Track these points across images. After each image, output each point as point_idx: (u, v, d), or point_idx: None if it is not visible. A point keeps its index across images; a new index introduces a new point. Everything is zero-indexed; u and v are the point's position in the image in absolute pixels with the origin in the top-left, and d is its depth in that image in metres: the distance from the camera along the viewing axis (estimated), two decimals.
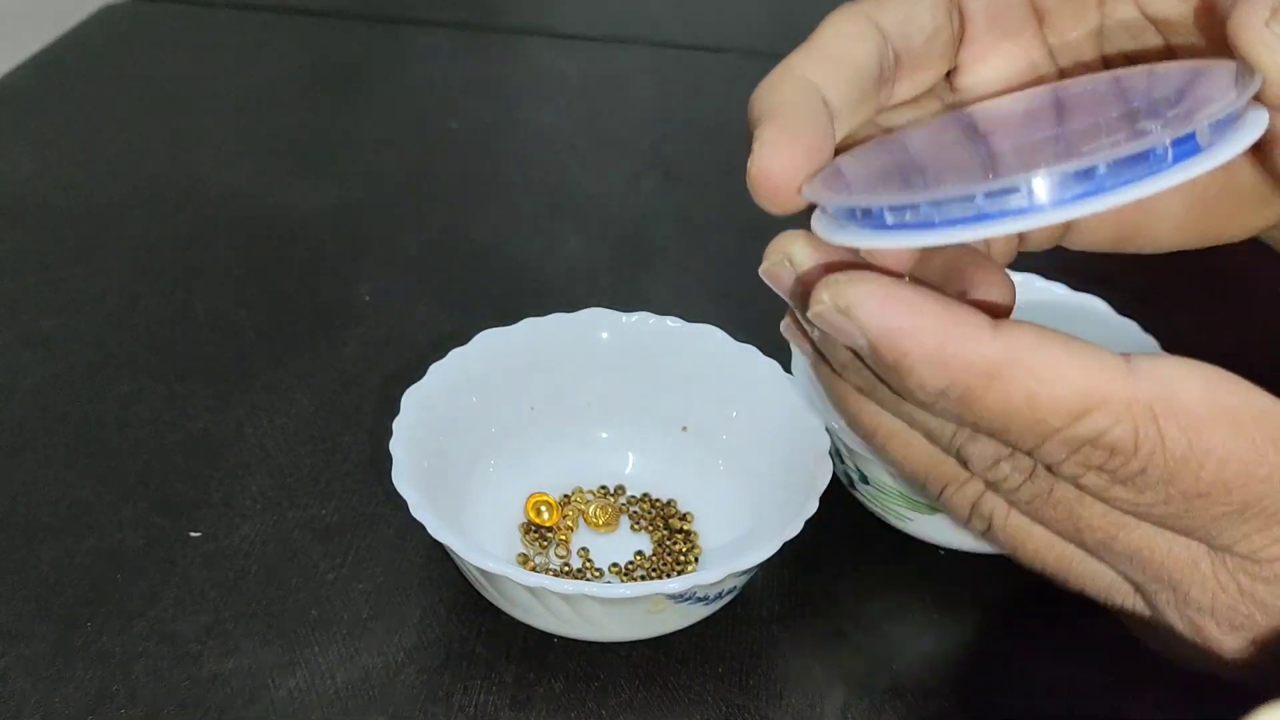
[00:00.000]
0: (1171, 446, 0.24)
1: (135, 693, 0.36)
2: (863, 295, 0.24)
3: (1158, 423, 0.23)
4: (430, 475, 0.38)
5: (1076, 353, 0.24)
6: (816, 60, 0.29)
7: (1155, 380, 0.23)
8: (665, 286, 0.55)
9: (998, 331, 0.23)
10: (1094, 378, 0.23)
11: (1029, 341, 0.24)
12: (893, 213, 0.24)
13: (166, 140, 0.66)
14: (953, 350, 0.24)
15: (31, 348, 0.50)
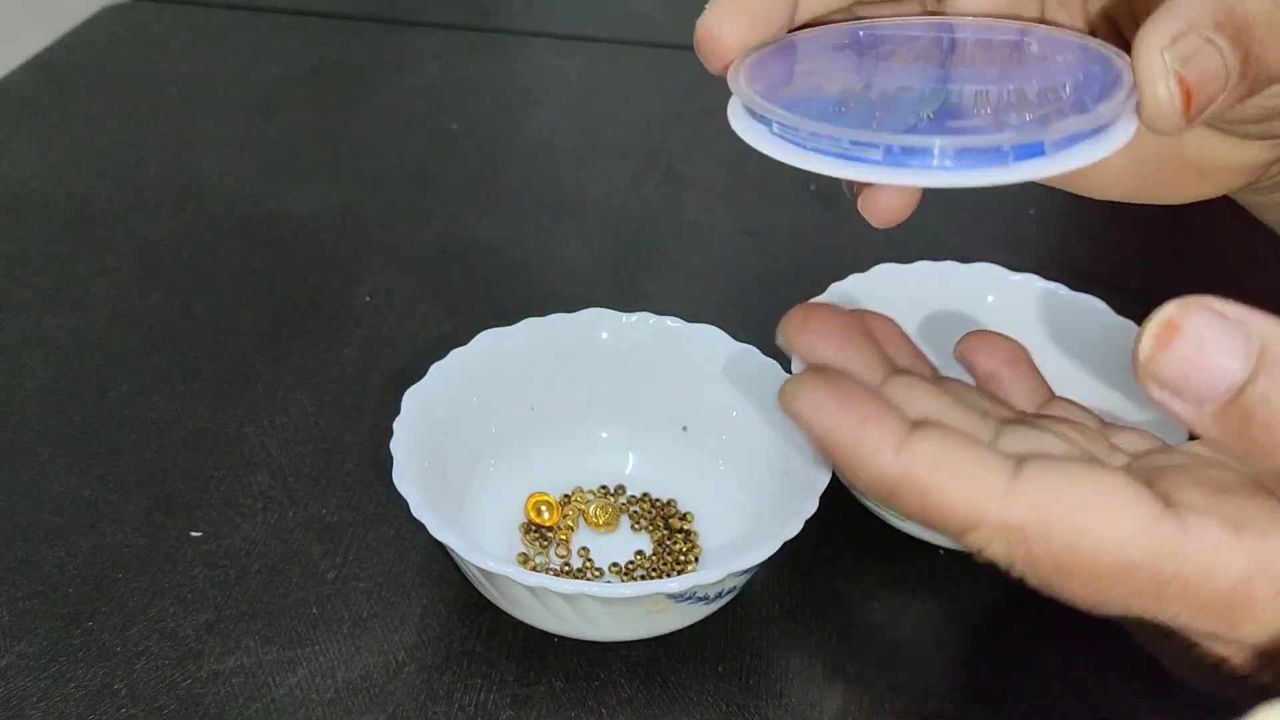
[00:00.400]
0: (1042, 566, 0.25)
1: (136, 691, 0.36)
2: (802, 401, 0.26)
3: (1028, 544, 0.25)
4: (431, 475, 0.38)
5: (966, 474, 0.25)
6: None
7: (1029, 503, 0.25)
8: (665, 286, 0.56)
9: (899, 451, 0.25)
10: (974, 500, 0.25)
11: (926, 461, 0.25)
12: (780, 126, 0.27)
13: (167, 140, 0.66)
14: (859, 466, 0.26)
15: (33, 347, 0.50)
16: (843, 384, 0.27)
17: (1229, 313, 0.23)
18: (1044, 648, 0.39)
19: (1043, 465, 0.26)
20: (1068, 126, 0.25)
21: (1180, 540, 0.25)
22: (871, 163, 0.26)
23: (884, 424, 0.26)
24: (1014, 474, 0.25)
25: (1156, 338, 0.23)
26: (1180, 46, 0.26)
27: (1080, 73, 0.28)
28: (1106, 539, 0.25)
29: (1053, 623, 0.39)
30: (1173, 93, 0.26)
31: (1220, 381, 0.23)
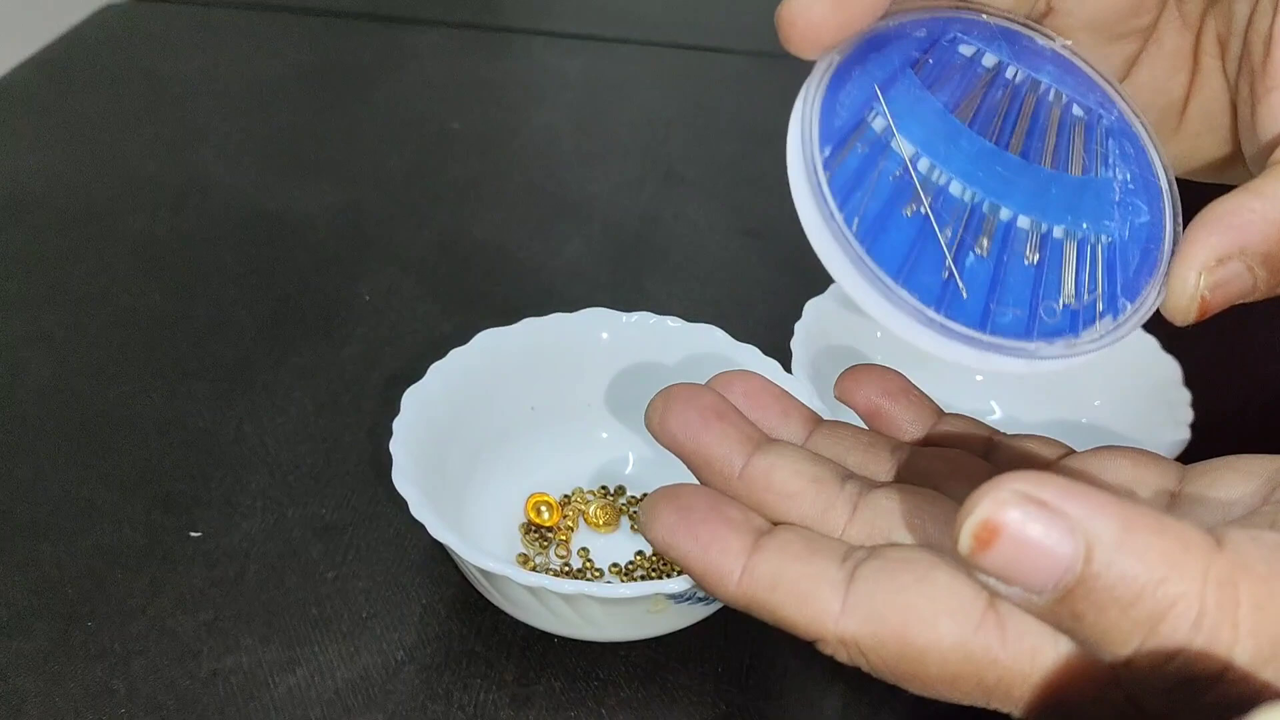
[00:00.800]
0: (882, 671, 0.26)
1: (135, 690, 0.36)
2: (653, 530, 0.28)
3: (865, 655, 0.26)
4: (430, 475, 0.38)
5: (801, 597, 0.26)
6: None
7: (859, 619, 0.26)
8: (665, 286, 0.56)
9: (741, 578, 0.27)
10: (811, 620, 0.26)
11: (765, 586, 0.27)
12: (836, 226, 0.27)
13: (167, 139, 0.66)
14: (710, 589, 0.27)
15: (33, 346, 0.50)
16: (689, 506, 0.28)
17: (1051, 501, 0.22)
18: None
19: (872, 575, 0.26)
20: (1090, 341, 0.27)
21: (998, 650, 0.25)
22: (910, 320, 0.27)
23: (727, 548, 0.27)
24: (847, 588, 0.26)
25: (976, 538, 0.22)
26: (1219, 271, 0.27)
27: (1127, 220, 0.28)
28: (929, 651, 0.25)
29: None
30: (1191, 308, 0.27)
31: (1047, 579, 0.22)
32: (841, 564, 0.27)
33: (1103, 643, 0.23)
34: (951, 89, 0.29)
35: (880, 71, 0.28)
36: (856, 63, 0.28)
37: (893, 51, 0.28)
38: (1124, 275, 0.28)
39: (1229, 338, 0.54)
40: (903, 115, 0.28)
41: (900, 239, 0.27)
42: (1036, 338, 0.27)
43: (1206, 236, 0.27)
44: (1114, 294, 0.28)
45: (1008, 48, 0.29)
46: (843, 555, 0.27)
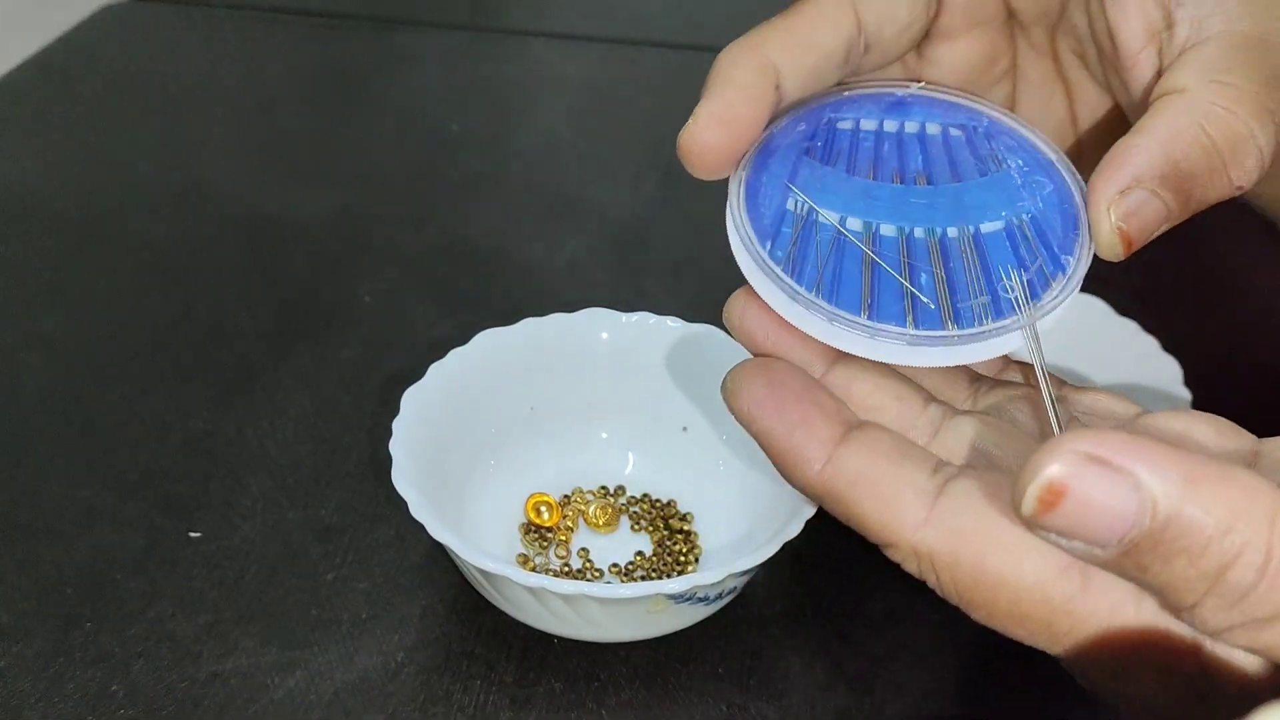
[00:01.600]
0: (949, 591, 0.26)
1: (135, 692, 0.36)
2: (741, 399, 0.28)
3: (936, 571, 0.26)
4: (430, 475, 0.38)
5: (883, 498, 0.26)
6: (787, 42, 0.31)
7: (940, 534, 0.26)
8: (665, 286, 0.55)
9: (826, 465, 0.27)
10: (888, 524, 0.26)
11: (847, 479, 0.27)
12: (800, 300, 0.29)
13: (167, 140, 0.66)
14: (789, 472, 0.28)
15: (32, 348, 0.50)
16: (781, 381, 0.28)
17: (1114, 459, 0.22)
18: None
19: (963, 493, 0.26)
20: (1052, 299, 0.30)
21: (1078, 600, 0.25)
22: (893, 343, 0.29)
23: (814, 433, 0.27)
24: (932, 500, 0.26)
25: (1039, 500, 0.22)
26: (1125, 202, 0.29)
27: (1036, 194, 0.31)
28: (1006, 584, 0.25)
29: None
30: (1114, 242, 0.29)
31: (1111, 535, 0.22)
32: (932, 474, 0.26)
33: (1168, 591, 0.23)
34: (846, 158, 0.32)
35: (782, 169, 0.31)
36: (760, 171, 0.31)
37: (785, 151, 0.32)
38: (1054, 238, 0.30)
39: (1229, 337, 0.54)
40: (816, 192, 0.31)
41: (856, 287, 0.30)
42: (1008, 315, 0.29)
43: (1105, 177, 0.29)
44: (1054, 255, 0.30)
45: (875, 109, 0.33)
46: (934, 466, 0.27)
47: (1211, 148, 0.29)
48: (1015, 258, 0.30)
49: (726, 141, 0.30)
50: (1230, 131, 0.29)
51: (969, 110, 0.33)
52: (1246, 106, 0.29)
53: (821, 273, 0.30)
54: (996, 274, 0.30)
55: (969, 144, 0.32)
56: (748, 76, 0.31)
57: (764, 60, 0.31)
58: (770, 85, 0.31)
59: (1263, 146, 0.29)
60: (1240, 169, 0.29)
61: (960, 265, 0.30)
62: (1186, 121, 0.29)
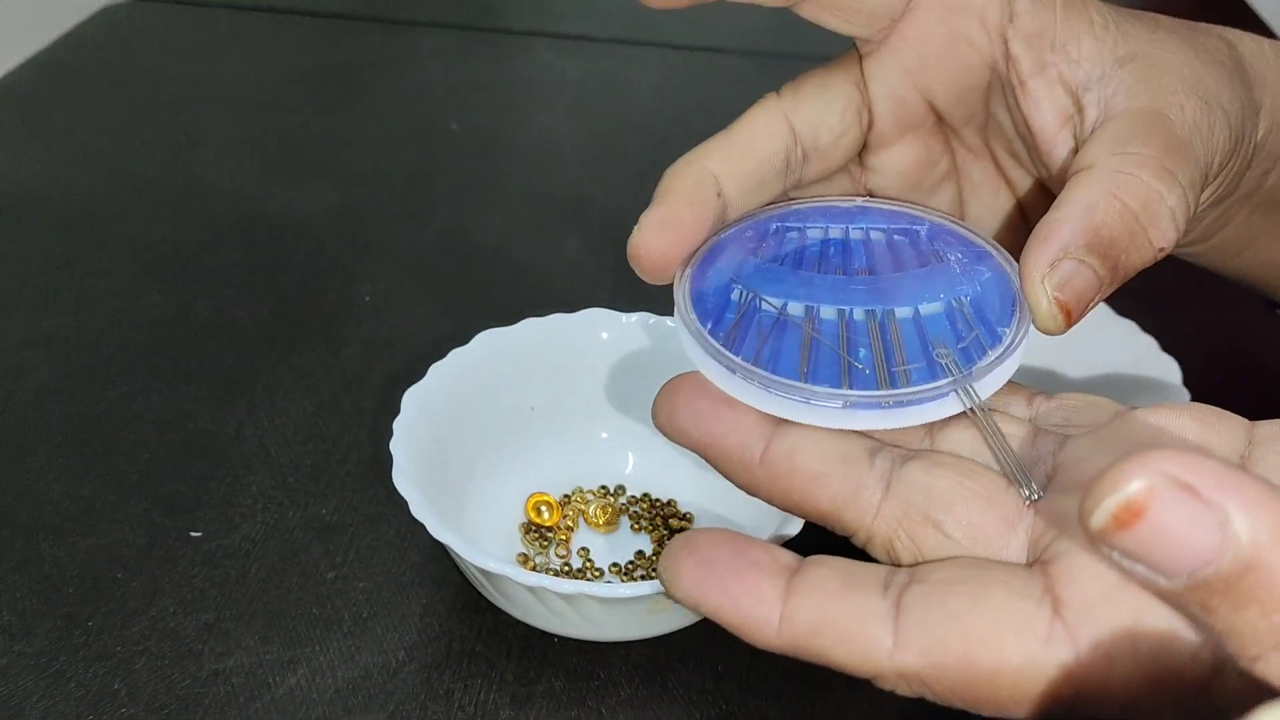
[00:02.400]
0: (949, 699, 0.26)
1: (136, 691, 0.36)
2: (678, 588, 0.28)
3: (927, 686, 0.26)
4: (431, 475, 0.38)
5: (847, 640, 0.26)
6: (724, 152, 0.33)
7: (916, 652, 0.26)
8: (665, 286, 0.55)
9: (781, 627, 0.27)
10: (863, 661, 0.26)
11: (806, 632, 0.26)
12: (743, 372, 0.30)
13: (167, 140, 0.66)
14: (751, 641, 0.27)
15: (33, 347, 0.50)
16: (710, 557, 0.27)
17: (1203, 490, 0.20)
18: None
19: (923, 600, 0.26)
20: (989, 364, 0.30)
21: (1072, 664, 0.25)
22: (832, 409, 0.29)
23: (759, 597, 0.27)
24: (894, 621, 0.26)
25: (1115, 517, 0.21)
26: (1057, 273, 0.29)
27: (975, 279, 0.32)
28: (998, 674, 0.25)
29: None
30: (1054, 312, 0.29)
31: (1183, 567, 0.21)
32: (884, 594, 0.26)
33: (1231, 638, 0.22)
34: (791, 258, 0.33)
35: (728, 266, 0.33)
36: (706, 267, 0.33)
37: (732, 251, 0.33)
38: (992, 314, 0.31)
39: (1228, 337, 0.54)
40: (759, 283, 0.32)
41: (794, 361, 0.30)
42: (940, 378, 0.30)
43: (1034, 252, 0.30)
44: (991, 329, 0.31)
45: (822, 219, 0.34)
46: (883, 584, 0.26)
47: (1126, 211, 0.30)
48: (953, 332, 0.31)
49: (670, 244, 0.32)
50: (1139, 195, 0.30)
51: (911, 216, 0.35)
52: (1149, 170, 0.30)
53: (761, 349, 0.30)
54: (932, 346, 0.31)
55: (911, 245, 0.34)
56: (687, 184, 0.32)
57: (703, 170, 0.32)
58: (710, 191, 0.32)
59: (1173, 207, 0.30)
60: (1157, 229, 0.30)
61: (898, 339, 0.31)
62: (1099, 191, 0.30)
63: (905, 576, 0.27)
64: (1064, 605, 0.25)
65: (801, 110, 0.34)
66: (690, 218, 0.32)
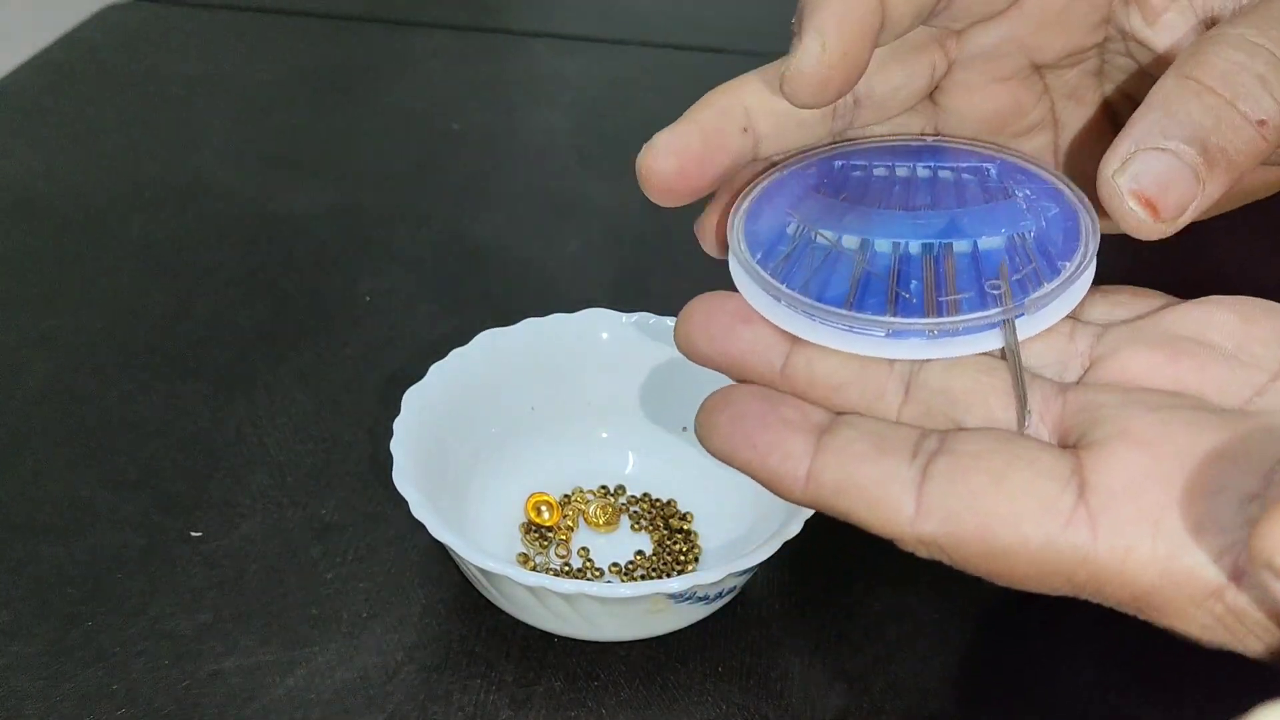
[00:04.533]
0: (964, 566, 0.26)
1: (134, 691, 0.36)
2: (710, 442, 0.28)
3: (945, 553, 0.26)
4: (430, 475, 0.38)
5: (871, 501, 0.26)
6: (764, 85, 0.31)
7: (937, 520, 0.26)
8: (665, 286, 0.55)
9: (807, 483, 0.27)
10: (885, 523, 0.26)
11: (831, 489, 0.26)
12: (788, 300, 0.30)
13: (167, 140, 0.66)
14: (778, 493, 0.28)
15: (32, 347, 0.50)
16: (743, 412, 0.28)
17: None
18: (1045, 648, 0.39)
19: (948, 473, 0.26)
20: (1044, 296, 0.29)
21: (1089, 549, 0.25)
22: (875, 338, 0.29)
23: (788, 452, 0.27)
24: (918, 489, 0.26)
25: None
26: (1130, 165, 0.27)
27: (1042, 216, 0.31)
28: (1016, 552, 0.25)
29: (1054, 623, 0.39)
30: (1134, 208, 0.27)
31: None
32: (911, 461, 0.26)
33: None
34: (852, 194, 0.32)
35: (786, 200, 0.32)
36: (765, 201, 0.32)
37: (792, 188, 0.32)
38: (1054, 249, 0.30)
39: None
40: (816, 217, 0.31)
41: (843, 291, 0.30)
42: (991, 308, 0.29)
43: (1107, 155, 0.28)
44: (1051, 262, 0.30)
45: (888, 157, 0.33)
46: (912, 450, 0.26)
47: (1201, 89, 0.27)
48: (1010, 266, 0.30)
49: (675, 170, 0.31)
50: (1215, 69, 0.27)
51: (983, 155, 0.33)
52: (1229, 43, 0.27)
53: (809, 280, 0.30)
54: (986, 279, 0.30)
55: (979, 182, 0.33)
56: (711, 115, 0.31)
57: (734, 102, 0.31)
58: (733, 125, 0.31)
59: (1263, 74, 0.27)
60: (1247, 100, 0.27)
61: (951, 272, 0.30)
62: (1173, 79, 0.28)
63: (935, 443, 0.27)
64: (1090, 490, 0.25)
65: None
66: (702, 149, 0.31)
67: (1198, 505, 0.24)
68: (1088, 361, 0.29)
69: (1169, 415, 0.26)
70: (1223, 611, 0.24)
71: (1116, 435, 0.26)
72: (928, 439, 0.27)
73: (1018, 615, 0.40)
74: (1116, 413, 0.27)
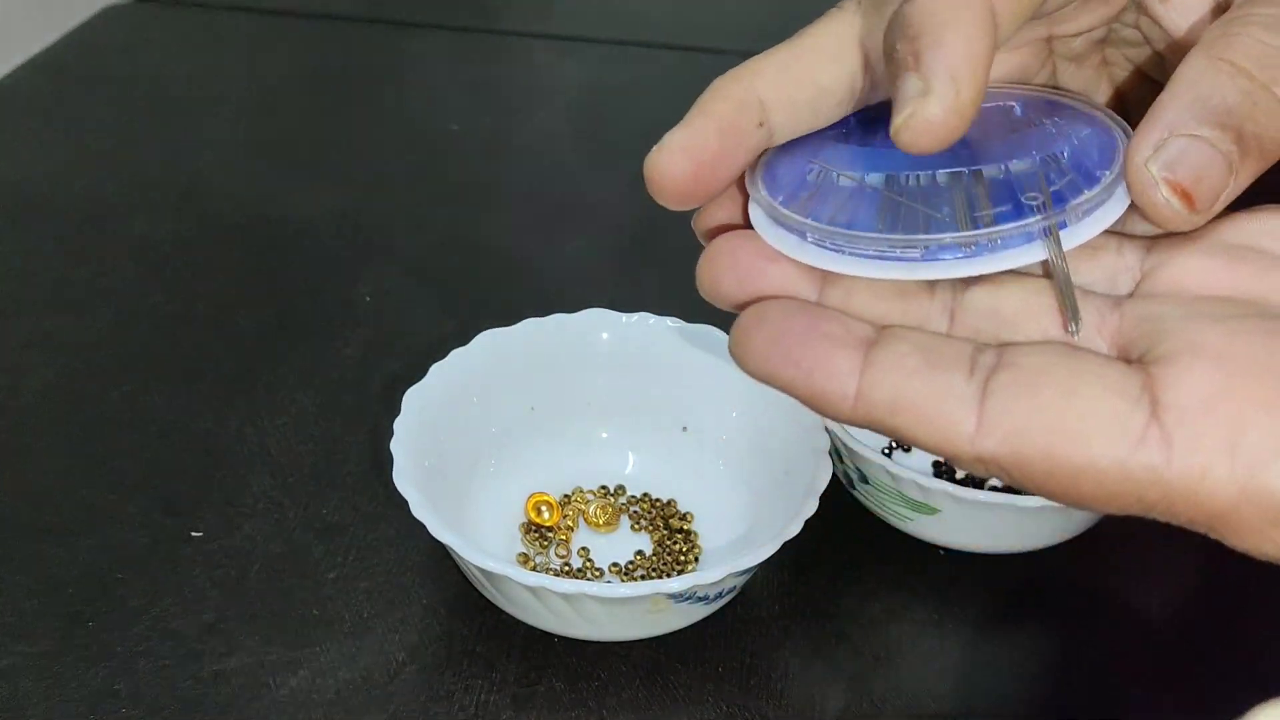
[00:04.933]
0: (1025, 484, 0.25)
1: (137, 691, 0.36)
2: (748, 361, 0.27)
3: (1006, 471, 0.25)
4: (431, 475, 0.39)
5: (928, 418, 0.25)
6: (779, 74, 0.29)
7: (998, 438, 0.25)
8: (665, 287, 0.56)
9: (856, 399, 0.25)
10: (942, 442, 0.25)
11: (884, 406, 0.25)
12: (814, 235, 0.28)
13: (167, 141, 0.66)
14: (825, 414, 0.26)
15: (34, 348, 0.50)
16: (782, 330, 0.26)
17: None
18: (1044, 648, 0.39)
19: (1009, 389, 0.25)
20: (1084, 201, 0.27)
21: (1163, 469, 0.24)
22: (910, 260, 0.27)
23: (834, 371, 0.25)
24: (978, 405, 0.25)
25: None
26: (1163, 153, 0.26)
27: (1074, 136, 0.29)
28: (1084, 471, 0.24)
29: (1052, 623, 0.39)
30: (1169, 199, 0.26)
31: None
32: (969, 376, 0.25)
33: None
34: (877, 140, 0.30)
35: (805, 150, 0.30)
36: (783, 154, 0.30)
37: (812, 140, 0.30)
38: (1090, 163, 0.28)
39: None
40: (838, 160, 0.30)
41: (871, 222, 0.28)
42: (1029, 217, 0.27)
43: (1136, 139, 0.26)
44: (1089, 174, 0.28)
45: None
46: (969, 364, 0.25)
47: (1235, 71, 0.26)
48: (1048, 180, 0.28)
49: (689, 172, 0.28)
50: (1249, 51, 0.26)
51: (1004, 94, 0.32)
52: (1259, 24, 0.26)
53: (835, 216, 0.28)
54: (1023, 193, 0.28)
55: (1004, 116, 0.31)
56: (725, 109, 0.29)
57: (748, 94, 0.29)
58: (750, 121, 0.29)
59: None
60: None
61: (985, 194, 0.28)
62: (1203, 60, 0.26)
63: (993, 358, 0.25)
64: (1162, 408, 0.24)
65: (879, 34, 0.29)
66: (715, 147, 0.28)
67: (1275, 422, 0.24)
68: (1139, 275, 0.28)
69: (1237, 325, 0.25)
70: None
71: (1185, 349, 0.25)
72: (983, 353, 0.26)
73: (1017, 616, 0.40)
74: (1182, 325, 0.26)
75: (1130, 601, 0.41)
